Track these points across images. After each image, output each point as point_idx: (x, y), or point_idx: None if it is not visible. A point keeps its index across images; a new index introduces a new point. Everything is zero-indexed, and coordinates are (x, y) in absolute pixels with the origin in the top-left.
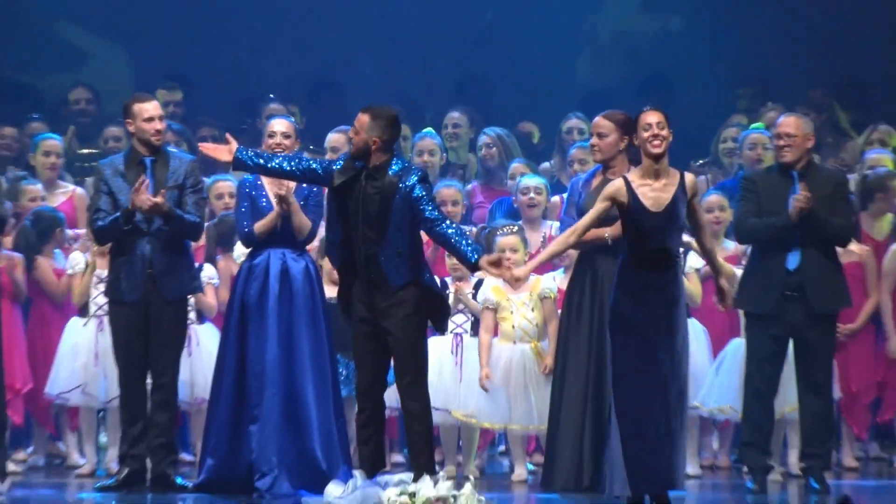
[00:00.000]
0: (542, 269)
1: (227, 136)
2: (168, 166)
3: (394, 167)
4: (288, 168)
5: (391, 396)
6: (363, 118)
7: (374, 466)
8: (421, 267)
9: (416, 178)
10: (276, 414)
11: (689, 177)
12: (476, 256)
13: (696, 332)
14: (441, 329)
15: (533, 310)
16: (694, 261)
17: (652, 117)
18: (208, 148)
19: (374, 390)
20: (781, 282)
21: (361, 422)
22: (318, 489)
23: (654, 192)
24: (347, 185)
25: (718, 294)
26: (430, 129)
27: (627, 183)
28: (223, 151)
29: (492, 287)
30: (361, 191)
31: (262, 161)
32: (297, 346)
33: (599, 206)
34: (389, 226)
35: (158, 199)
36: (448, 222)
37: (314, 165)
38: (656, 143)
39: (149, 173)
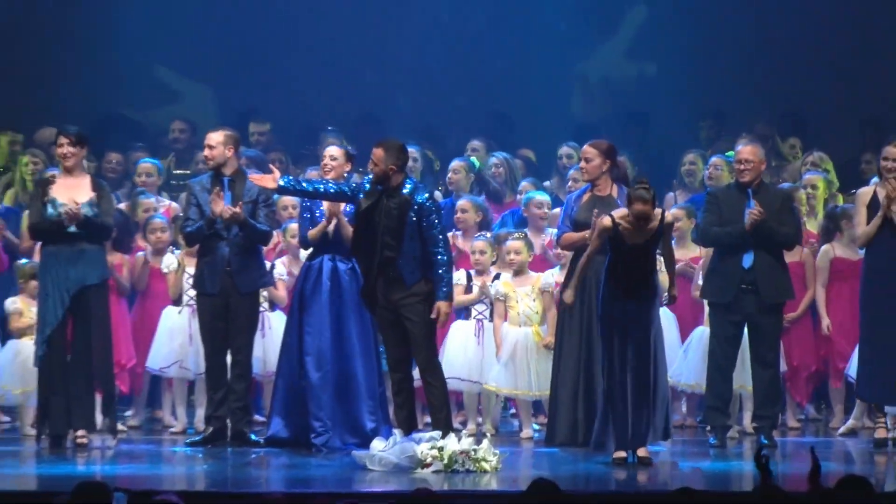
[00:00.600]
0: (542, 266)
1: (271, 166)
2: (245, 184)
3: (407, 186)
4: (322, 191)
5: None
6: (378, 152)
7: (409, 426)
8: (428, 265)
9: (425, 195)
10: (330, 385)
11: (667, 216)
12: (440, 297)
13: (667, 319)
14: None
15: (534, 300)
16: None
17: None
18: (256, 178)
19: (402, 365)
20: (738, 277)
21: (395, 391)
22: (365, 446)
23: (636, 232)
24: (372, 203)
25: (669, 299)
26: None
27: (615, 223)
28: (268, 180)
29: (503, 282)
30: (383, 207)
31: (302, 186)
32: (346, 330)
33: (597, 239)
34: (405, 236)
35: (237, 210)
36: (442, 254)
37: (344, 188)
38: None
39: (226, 189)
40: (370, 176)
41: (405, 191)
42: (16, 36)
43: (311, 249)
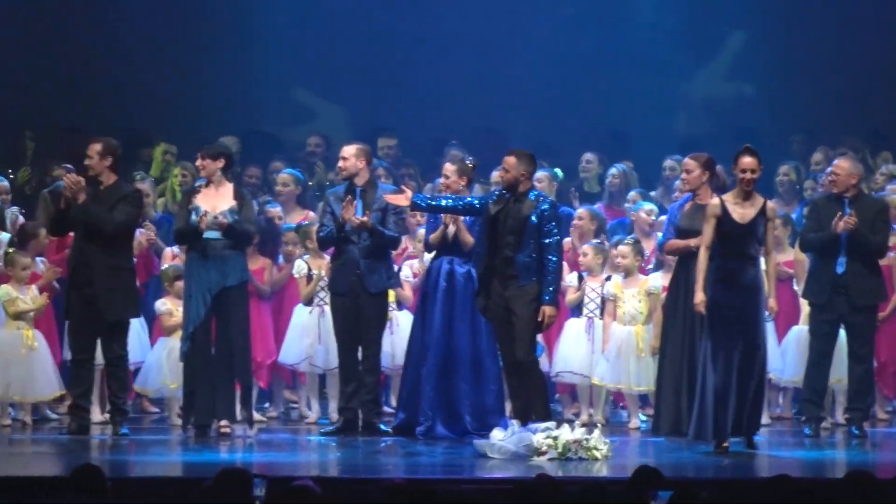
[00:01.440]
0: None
1: (403, 186)
2: (375, 194)
3: (532, 194)
4: (452, 205)
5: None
6: (510, 160)
7: (524, 416)
8: (541, 270)
9: (547, 204)
10: (433, 378)
11: (769, 204)
12: (546, 300)
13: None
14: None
15: (640, 301)
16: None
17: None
18: (391, 197)
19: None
20: (832, 281)
21: (509, 384)
22: (463, 436)
23: (742, 209)
24: (500, 207)
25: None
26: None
27: (722, 202)
28: (402, 199)
29: (613, 284)
30: (509, 210)
31: (432, 203)
32: (456, 329)
33: (707, 226)
34: (525, 237)
35: (364, 219)
36: (554, 261)
37: (473, 202)
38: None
39: (358, 198)
40: (495, 190)
41: (531, 196)
42: (172, 58)
43: (433, 253)
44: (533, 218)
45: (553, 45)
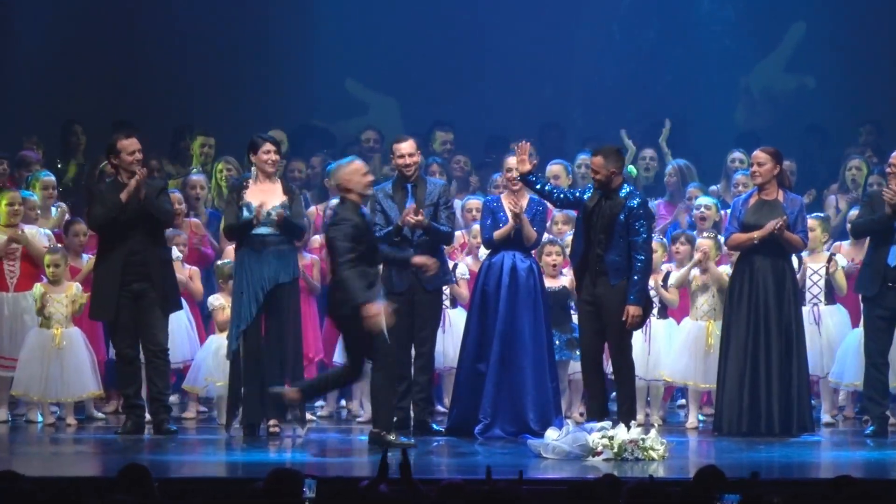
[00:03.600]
0: (721, 262)
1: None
2: (426, 190)
3: (624, 190)
4: (555, 194)
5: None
6: (598, 160)
7: (601, 415)
8: (630, 269)
9: (636, 200)
10: (494, 375)
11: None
12: (631, 300)
13: (841, 314)
14: None
15: (713, 296)
16: (840, 259)
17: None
18: (411, 218)
19: (595, 358)
20: (882, 274)
21: (586, 382)
22: (525, 435)
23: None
24: (594, 204)
25: None
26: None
27: None
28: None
29: (684, 278)
30: (601, 208)
31: (538, 186)
32: (518, 325)
33: None
34: (615, 235)
35: (419, 218)
36: (640, 260)
37: (571, 195)
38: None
39: (409, 195)
40: (590, 185)
41: (622, 193)
42: (222, 51)
43: (489, 249)
44: (621, 216)
45: (611, 37)
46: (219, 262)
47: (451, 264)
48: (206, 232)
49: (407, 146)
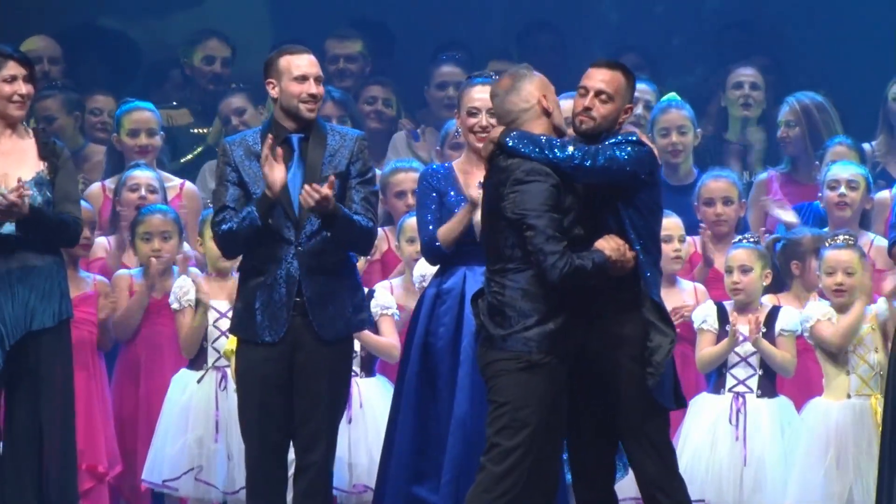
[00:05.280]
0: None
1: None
2: (325, 146)
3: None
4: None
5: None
6: (617, 77)
7: None
8: None
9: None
10: (451, 487)
11: None
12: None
13: None
14: None
15: (876, 350)
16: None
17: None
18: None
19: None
20: None
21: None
22: None
23: None
24: None
25: None
26: (673, 94)
27: None
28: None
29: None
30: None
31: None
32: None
33: None
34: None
35: (326, 192)
36: None
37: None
38: None
39: (296, 156)
40: None
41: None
42: None
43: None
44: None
45: None
46: None
47: (364, 291)
48: None
49: (310, 63)
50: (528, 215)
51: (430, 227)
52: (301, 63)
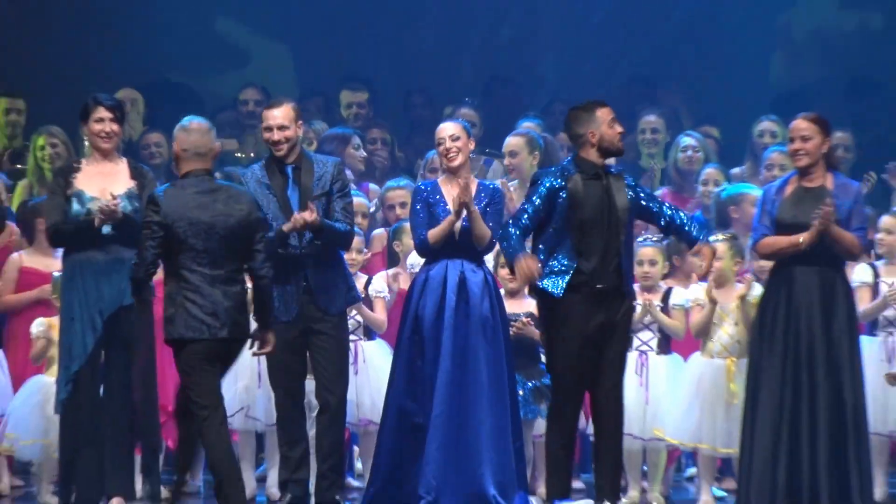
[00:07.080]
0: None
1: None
2: (313, 172)
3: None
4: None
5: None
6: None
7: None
8: None
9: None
10: (440, 436)
11: None
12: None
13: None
14: None
15: (737, 323)
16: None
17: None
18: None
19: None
20: None
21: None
22: None
23: None
24: None
25: None
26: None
27: None
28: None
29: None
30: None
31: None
32: (473, 365)
33: None
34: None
35: (313, 216)
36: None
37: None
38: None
39: (290, 182)
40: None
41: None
42: None
43: (426, 256)
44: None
45: None
46: (55, 274)
47: (363, 279)
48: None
49: (279, 114)
50: None
51: (421, 230)
52: (266, 116)
